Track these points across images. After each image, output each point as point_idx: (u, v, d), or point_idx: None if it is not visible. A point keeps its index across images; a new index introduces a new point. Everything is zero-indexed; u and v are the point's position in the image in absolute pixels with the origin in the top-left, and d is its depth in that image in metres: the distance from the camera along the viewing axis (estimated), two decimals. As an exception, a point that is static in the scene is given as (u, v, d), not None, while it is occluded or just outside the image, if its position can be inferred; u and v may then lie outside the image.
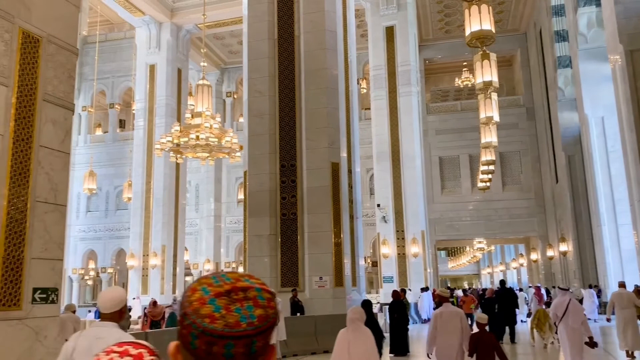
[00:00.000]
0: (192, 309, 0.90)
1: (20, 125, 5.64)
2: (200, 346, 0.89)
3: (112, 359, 1.12)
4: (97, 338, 3.09)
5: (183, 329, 0.91)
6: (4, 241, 5.37)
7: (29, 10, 5.91)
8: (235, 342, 0.88)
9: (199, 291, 0.92)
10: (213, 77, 32.12)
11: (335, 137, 14.39)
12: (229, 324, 0.88)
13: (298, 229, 13.75)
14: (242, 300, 0.90)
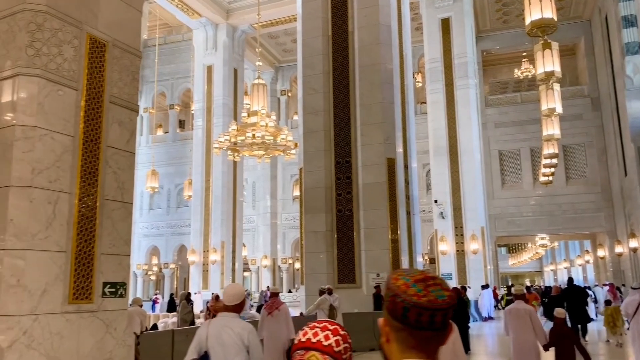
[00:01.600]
0: (401, 291, 1.23)
1: (89, 127, 5.90)
2: (411, 317, 1.22)
3: (317, 333, 1.42)
4: (224, 326, 3.77)
5: (395, 305, 1.24)
6: (75, 237, 5.64)
7: (96, 16, 6.17)
8: (436, 313, 1.21)
9: (401, 279, 1.26)
10: (268, 76, 32.55)
11: (391, 133, 14.25)
12: (430, 300, 1.21)
13: (354, 226, 13.73)
14: (434, 285, 1.23)
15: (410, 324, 1.22)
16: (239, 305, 3.92)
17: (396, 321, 1.24)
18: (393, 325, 1.26)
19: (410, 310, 1.21)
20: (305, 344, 1.40)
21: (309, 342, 1.40)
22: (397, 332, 1.25)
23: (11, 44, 5.61)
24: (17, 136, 5.31)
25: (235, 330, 3.75)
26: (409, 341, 1.23)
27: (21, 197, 5.22)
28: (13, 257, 5.12)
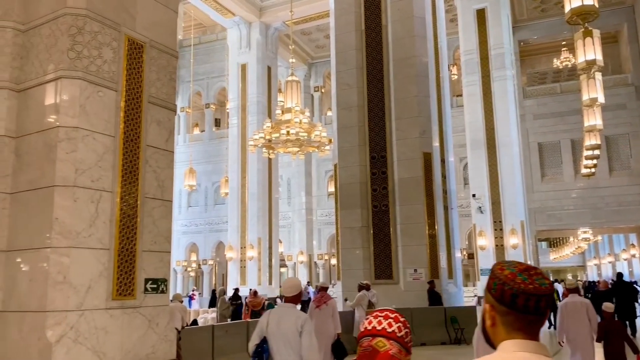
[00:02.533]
0: (508, 279, 1.39)
1: (129, 127, 6.03)
2: (519, 302, 1.37)
3: (380, 321, 1.58)
4: (282, 314, 4.17)
5: (503, 293, 1.39)
6: (118, 235, 5.78)
7: (133, 18, 6.28)
8: (541, 298, 1.37)
9: (506, 270, 1.41)
10: (301, 73, 32.61)
11: (427, 126, 14.07)
12: (536, 288, 1.36)
13: (390, 221, 13.63)
14: (535, 275, 1.39)
15: (517, 309, 1.38)
16: (296, 296, 4.32)
17: (503, 306, 1.39)
18: (499, 310, 1.41)
19: (518, 297, 1.37)
20: (371, 331, 1.57)
21: (375, 330, 1.57)
22: (504, 316, 1.40)
23: (53, 48, 5.77)
24: (61, 137, 5.47)
25: (292, 319, 4.16)
26: (515, 324, 1.39)
27: (65, 196, 5.37)
28: (59, 254, 5.28)
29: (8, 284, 5.59)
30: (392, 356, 1.51)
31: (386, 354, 1.51)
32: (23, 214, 5.63)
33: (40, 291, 5.27)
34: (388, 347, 1.52)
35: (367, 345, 1.54)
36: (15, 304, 5.50)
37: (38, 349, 5.13)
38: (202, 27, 32.50)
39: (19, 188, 5.72)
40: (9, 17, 6.05)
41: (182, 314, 8.90)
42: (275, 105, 25.28)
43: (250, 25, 27.33)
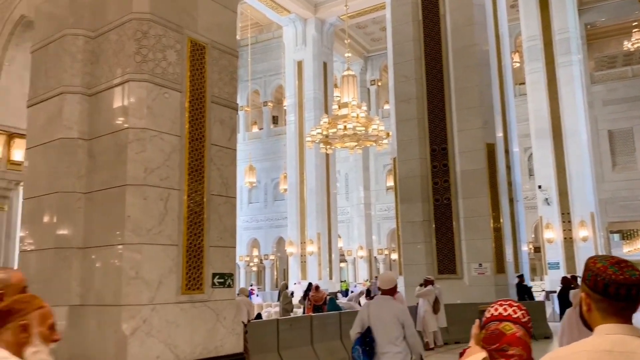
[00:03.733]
0: (601, 271, 1.54)
1: (194, 126, 6.19)
2: (610, 290, 1.52)
3: (505, 308, 1.75)
4: (381, 306, 4.49)
5: (597, 283, 1.54)
6: (186, 231, 5.95)
7: (195, 20, 6.44)
8: (632, 287, 1.51)
9: (599, 263, 1.57)
10: (357, 67, 32.46)
11: (489, 117, 13.65)
12: (626, 278, 1.51)
13: (453, 215, 13.33)
14: (626, 267, 1.54)
15: (610, 297, 1.52)
16: (392, 289, 4.63)
17: (597, 294, 1.54)
18: (594, 298, 1.55)
19: (610, 286, 1.52)
20: (497, 317, 1.74)
21: (501, 315, 1.74)
22: (598, 303, 1.55)
23: (121, 53, 6.00)
24: (130, 138, 5.69)
25: (391, 310, 4.50)
26: (608, 310, 1.54)
27: (136, 195, 5.59)
28: (131, 251, 5.51)
29: (85, 280, 5.89)
30: (519, 338, 1.69)
31: (513, 336, 1.69)
32: (97, 212, 5.91)
33: (115, 286, 5.52)
34: (515, 330, 1.70)
35: (494, 329, 1.71)
36: (92, 299, 5.78)
37: (114, 341, 5.38)
38: (258, 26, 32.95)
39: (93, 188, 6.00)
40: (80, 25, 6.35)
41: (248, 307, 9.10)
42: (332, 101, 25.29)
43: (306, 21, 27.47)
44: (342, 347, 9.59)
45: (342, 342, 9.64)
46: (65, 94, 6.15)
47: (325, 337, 9.37)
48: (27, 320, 1.73)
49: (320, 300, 14.15)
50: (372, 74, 34.12)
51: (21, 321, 1.73)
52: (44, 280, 6.02)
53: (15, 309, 1.76)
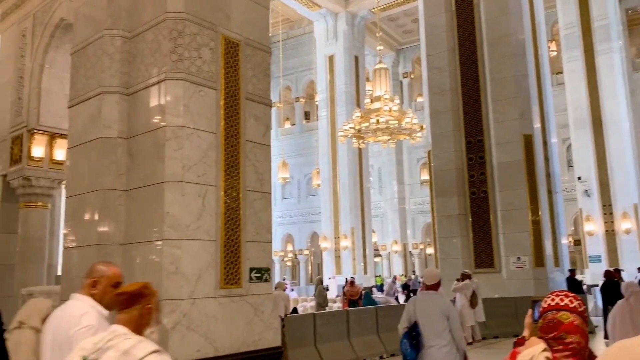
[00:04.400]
0: None
1: (229, 123, 6.26)
2: None
3: (562, 298, 1.78)
4: (426, 301, 4.65)
5: None
6: (223, 227, 6.03)
7: (229, 17, 6.50)
8: None
9: None
10: (389, 60, 32.21)
11: (526, 107, 13.35)
12: None
13: (490, 208, 13.11)
14: None
15: None
16: (436, 284, 4.78)
17: None
18: None
19: None
20: (554, 307, 1.78)
21: (559, 305, 1.78)
22: None
23: (157, 52, 6.11)
24: (168, 136, 5.79)
25: (436, 304, 4.65)
26: None
27: (175, 191, 5.69)
28: (171, 246, 5.61)
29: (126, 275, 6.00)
30: (576, 326, 1.73)
31: (571, 325, 1.73)
32: (137, 209, 6.04)
33: (156, 281, 5.63)
34: (572, 318, 1.74)
35: (552, 318, 1.75)
36: (134, 293, 5.92)
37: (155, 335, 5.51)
38: (289, 22, 33.04)
39: (132, 185, 6.14)
40: (117, 26, 6.49)
41: (285, 302, 9.17)
42: (364, 95, 25.18)
43: (337, 16, 27.39)
44: (379, 341, 9.57)
45: (379, 337, 9.62)
46: (104, 94, 6.30)
47: (362, 331, 9.37)
48: (151, 305, 2.01)
49: (355, 295, 14.14)
50: (404, 67, 33.81)
51: (147, 305, 2.01)
52: (87, 275, 6.19)
53: (144, 294, 2.04)
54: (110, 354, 1.82)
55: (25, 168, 9.95)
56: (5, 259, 10.46)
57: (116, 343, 1.85)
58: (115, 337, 1.88)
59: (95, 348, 1.86)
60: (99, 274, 2.57)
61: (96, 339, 1.91)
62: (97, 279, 2.56)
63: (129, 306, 2.00)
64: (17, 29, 10.60)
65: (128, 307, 2.00)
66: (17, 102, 10.40)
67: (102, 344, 1.87)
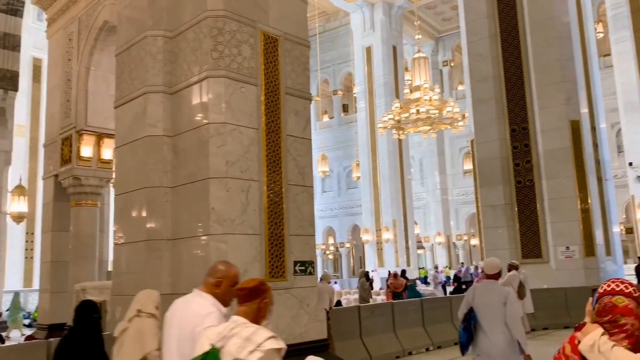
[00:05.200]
0: None
1: (270, 118, 6.31)
2: None
3: (617, 285, 1.85)
4: (486, 289, 4.85)
5: None
6: (267, 221, 6.10)
7: (267, 13, 6.53)
8: None
9: None
10: (428, 49, 31.71)
11: (573, 92, 12.90)
12: None
13: (536, 197, 12.76)
14: None
15: None
16: (497, 274, 4.98)
17: None
18: None
19: None
20: (610, 292, 1.84)
21: (614, 290, 1.83)
22: None
23: (198, 50, 6.20)
24: (211, 133, 5.88)
25: (496, 293, 4.82)
26: None
27: (219, 187, 5.79)
28: (217, 241, 5.71)
29: (175, 269, 6.18)
30: (631, 309, 1.78)
31: (626, 308, 1.78)
32: (183, 205, 6.17)
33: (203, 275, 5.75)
34: (627, 302, 1.79)
35: (607, 302, 1.81)
36: (182, 288, 6.06)
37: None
38: (325, 15, 32.94)
39: (178, 182, 6.27)
40: (159, 26, 6.62)
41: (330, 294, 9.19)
42: (403, 85, 24.87)
43: (373, 6, 27.14)
44: (425, 333, 9.49)
45: (425, 329, 9.54)
46: (148, 93, 6.45)
47: (407, 323, 9.31)
48: (267, 299, 2.26)
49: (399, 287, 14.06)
50: (444, 55, 33.23)
51: (264, 299, 2.25)
52: (136, 271, 6.38)
53: (261, 289, 2.29)
54: (234, 341, 2.08)
55: (75, 168, 10.29)
56: (59, 255, 10.87)
57: (238, 331, 2.11)
58: (237, 326, 2.14)
59: (220, 336, 2.13)
60: (222, 274, 2.76)
61: (220, 329, 2.19)
62: (220, 279, 2.74)
63: (248, 300, 2.25)
64: (64, 33, 10.95)
65: (247, 301, 2.25)
66: (65, 104, 10.75)
67: (226, 332, 2.14)
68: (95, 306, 3.85)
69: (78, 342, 3.68)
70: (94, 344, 3.73)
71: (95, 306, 3.85)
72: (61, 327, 10.28)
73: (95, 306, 3.86)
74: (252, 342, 2.05)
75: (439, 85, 21.08)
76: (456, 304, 10.54)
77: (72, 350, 3.65)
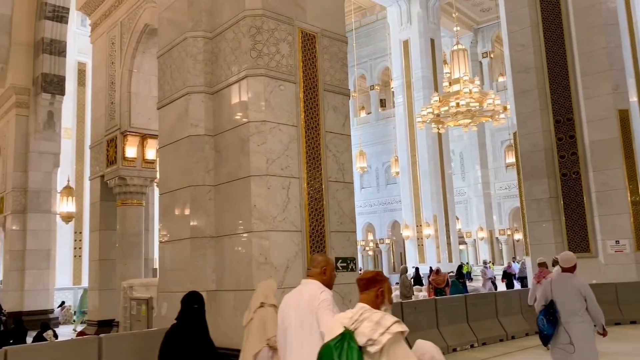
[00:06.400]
0: None
1: (309, 115, 6.32)
2: None
3: None
4: (564, 282, 5.09)
5: None
6: (307, 218, 6.12)
7: (304, 10, 6.54)
8: None
9: None
10: (466, 40, 31.14)
11: (621, 80, 12.42)
12: None
13: (583, 189, 12.36)
14: None
15: None
16: (572, 267, 5.19)
17: None
18: None
19: None
20: None
21: None
22: None
23: (238, 50, 6.27)
24: (252, 131, 5.95)
25: (573, 285, 5.06)
26: None
27: (260, 185, 5.84)
28: (259, 238, 5.77)
29: (219, 266, 6.28)
30: None
31: None
32: (226, 203, 6.26)
33: (246, 272, 5.83)
34: None
35: None
36: (226, 284, 6.16)
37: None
38: (361, 10, 32.77)
39: (220, 180, 6.37)
40: (199, 27, 6.72)
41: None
42: (442, 78, 24.49)
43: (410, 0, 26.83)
44: (470, 330, 9.35)
45: (469, 325, 9.39)
46: (190, 94, 6.57)
47: (451, 319, 9.18)
48: (383, 288, 2.56)
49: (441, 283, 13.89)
50: (483, 47, 32.56)
51: (380, 288, 2.55)
52: (181, 268, 6.52)
53: (377, 279, 2.60)
54: (366, 324, 2.36)
55: (120, 168, 10.59)
56: (107, 254, 11.22)
57: (368, 316, 2.40)
58: (365, 311, 2.43)
59: (352, 320, 2.41)
60: (324, 263, 3.21)
61: (350, 314, 2.46)
62: (325, 267, 3.19)
63: (366, 289, 2.57)
64: (107, 37, 11.26)
65: (366, 289, 2.57)
66: (110, 107, 11.07)
67: (356, 317, 2.42)
68: (195, 297, 4.23)
69: (182, 330, 4.08)
70: (197, 332, 4.12)
71: (195, 297, 4.23)
72: (110, 323, 10.63)
73: (195, 297, 4.23)
74: (381, 325, 2.34)
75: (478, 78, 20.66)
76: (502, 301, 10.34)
77: (178, 338, 4.06)
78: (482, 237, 31.31)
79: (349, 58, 30.83)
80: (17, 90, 16.14)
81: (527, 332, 9.94)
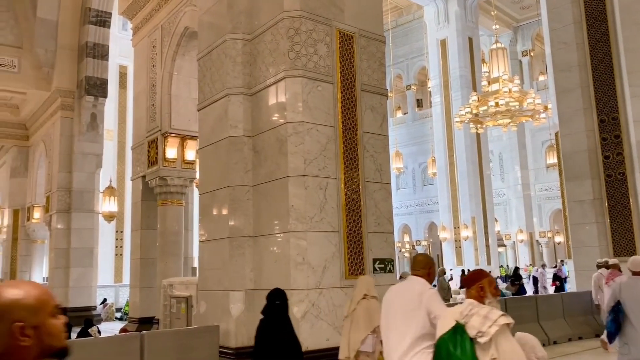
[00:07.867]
0: None
1: (346, 116, 6.32)
2: None
3: None
4: (633, 285, 5.18)
5: None
6: (345, 218, 6.11)
7: (342, 10, 6.54)
8: None
9: None
10: (506, 39, 30.56)
11: (670, 78, 11.95)
12: None
13: (629, 191, 11.93)
14: None
15: None
16: None
17: None
18: None
19: None
20: None
21: None
22: None
23: (276, 51, 6.32)
24: (289, 132, 5.98)
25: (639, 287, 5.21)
26: None
27: (298, 185, 5.87)
28: (297, 238, 5.80)
29: (257, 266, 6.34)
30: None
31: None
32: (264, 203, 6.32)
33: (284, 271, 5.86)
34: None
35: None
36: (264, 283, 6.21)
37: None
38: (397, 9, 32.57)
39: (258, 181, 6.43)
40: (237, 29, 6.81)
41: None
42: (480, 77, 24.08)
43: (447, -2, 26.50)
44: (509, 334, 9.15)
45: (508, 329, 9.19)
46: (229, 95, 6.66)
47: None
48: (482, 284, 2.77)
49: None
50: (523, 45, 31.86)
51: (480, 285, 2.78)
52: (220, 267, 6.61)
53: (476, 276, 2.85)
54: (475, 318, 2.57)
55: (161, 169, 10.82)
56: (147, 252, 11.48)
57: (477, 310, 2.60)
58: (474, 307, 2.63)
59: (463, 315, 2.62)
60: (430, 264, 3.52)
61: (461, 309, 2.67)
62: (431, 267, 3.51)
63: (469, 286, 2.82)
64: (148, 40, 11.53)
65: (469, 287, 2.83)
66: (151, 109, 11.33)
67: (467, 311, 2.62)
68: (277, 293, 4.55)
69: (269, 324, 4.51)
70: (280, 325, 4.49)
71: (277, 293, 4.55)
72: (150, 320, 10.87)
73: (278, 293, 4.55)
74: (489, 319, 2.54)
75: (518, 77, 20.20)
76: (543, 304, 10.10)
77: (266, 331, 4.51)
78: (522, 239, 30.62)
79: (386, 58, 30.71)
80: (62, 93, 16.71)
81: (570, 337, 9.67)
